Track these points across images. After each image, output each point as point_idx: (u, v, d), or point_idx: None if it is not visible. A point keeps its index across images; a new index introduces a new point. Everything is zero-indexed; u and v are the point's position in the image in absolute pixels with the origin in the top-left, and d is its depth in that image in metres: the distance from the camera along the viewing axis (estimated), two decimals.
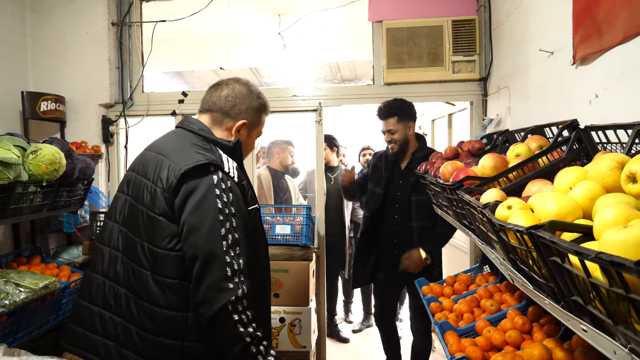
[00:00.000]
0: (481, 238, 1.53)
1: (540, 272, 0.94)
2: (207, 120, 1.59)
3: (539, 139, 1.70)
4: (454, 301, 2.18)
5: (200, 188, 1.36)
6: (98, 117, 3.32)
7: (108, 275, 1.47)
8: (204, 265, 1.31)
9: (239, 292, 1.30)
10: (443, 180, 1.73)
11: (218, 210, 1.34)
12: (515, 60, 2.55)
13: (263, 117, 1.68)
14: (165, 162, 1.43)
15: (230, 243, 1.33)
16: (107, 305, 1.44)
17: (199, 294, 1.30)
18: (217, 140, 1.53)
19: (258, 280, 1.55)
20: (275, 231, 2.92)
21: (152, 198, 1.41)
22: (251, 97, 1.61)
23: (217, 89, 1.60)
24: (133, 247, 1.43)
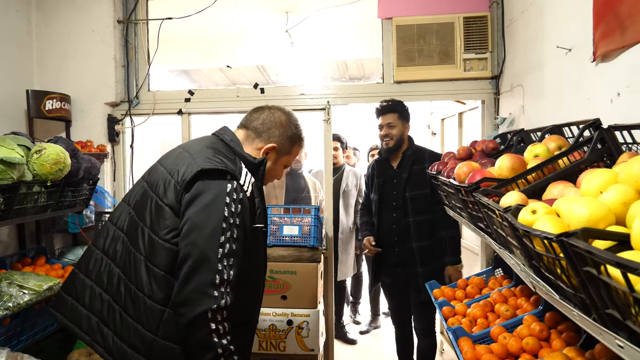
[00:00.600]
0: (499, 242, 1.47)
1: (569, 282, 0.88)
2: (241, 135, 1.63)
3: (557, 138, 1.64)
4: (467, 305, 2.12)
5: (212, 191, 1.38)
6: (104, 116, 3.28)
7: (107, 253, 1.51)
8: (195, 265, 1.31)
9: (222, 302, 1.29)
10: (458, 181, 1.68)
11: (223, 217, 1.35)
12: (529, 57, 2.48)
13: (296, 148, 1.69)
14: (187, 158, 1.48)
15: (227, 252, 1.34)
16: (100, 281, 1.47)
17: (183, 293, 1.30)
18: (243, 154, 1.56)
19: (248, 297, 1.55)
20: (283, 232, 2.87)
21: (165, 188, 1.44)
22: (288, 126, 1.63)
23: (258, 111, 1.65)
24: (135, 230, 1.47)
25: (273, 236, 2.88)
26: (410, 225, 2.80)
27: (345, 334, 4.28)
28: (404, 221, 2.82)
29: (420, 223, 2.80)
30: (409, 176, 2.80)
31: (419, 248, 2.80)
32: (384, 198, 2.91)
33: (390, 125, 2.82)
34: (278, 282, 2.79)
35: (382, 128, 2.86)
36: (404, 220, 2.82)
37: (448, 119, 3.96)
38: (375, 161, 3.05)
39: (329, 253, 3.21)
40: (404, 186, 2.82)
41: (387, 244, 2.89)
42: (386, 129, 2.84)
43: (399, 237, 2.84)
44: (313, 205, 3.03)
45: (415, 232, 2.80)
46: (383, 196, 2.91)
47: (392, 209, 2.87)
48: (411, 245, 2.81)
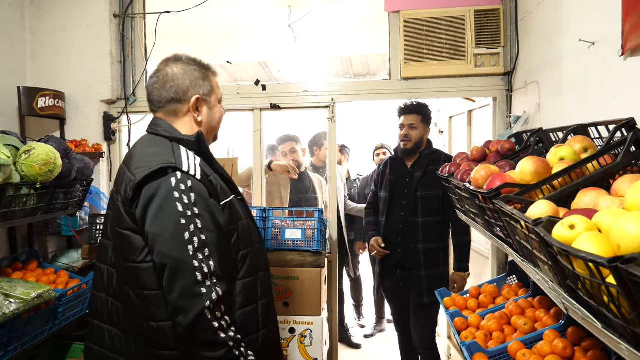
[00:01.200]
0: (521, 254, 1.34)
1: (618, 312, 0.75)
2: (164, 118, 1.51)
3: (583, 139, 1.50)
4: (480, 317, 1.99)
5: (159, 194, 1.30)
6: (99, 114, 3.16)
7: (109, 293, 1.46)
8: (172, 272, 1.27)
9: (213, 296, 1.26)
10: (475, 186, 1.54)
11: (179, 213, 1.29)
12: (546, 52, 2.34)
13: (212, 79, 1.57)
14: (126, 174, 1.40)
15: (197, 246, 1.28)
16: (112, 321, 1.44)
17: (172, 302, 1.27)
18: (180, 137, 1.46)
19: (247, 274, 1.47)
20: (285, 236, 2.74)
21: (118, 214, 1.38)
22: (188, 69, 1.51)
23: (153, 84, 1.51)
24: (117, 265, 1.42)
25: (275, 240, 2.76)
26: (418, 225, 2.72)
27: (349, 337, 4.16)
28: (412, 221, 2.75)
29: (429, 224, 2.73)
30: (424, 175, 2.76)
31: (425, 250, 2.71)
32: (394, 196, 2.85)
33: (412, 127, 2.82)
34: (280, 288, 2.67)
35: (402, 128, 2.84)
36: (413, 220, 2.74)
37: (456, 117, 3.82)
38: (389, 159, 3.02)
39: (333, 257, 3.08)
40: (416, 185, 2.76)
41: (391, 243, 2.84)
42: (407, 130, 2.82)
43: (403, 238, 2.77)
44: (318, 207, 2.90)
45: (423, 233, 2.72)
46: (393, 194, 2.85)
47: (400, 208, 2.81)
48: (417, 247, 2.73)
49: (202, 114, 1.52)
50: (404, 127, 2.84)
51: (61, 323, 2.40)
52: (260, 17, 3.84)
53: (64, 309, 2.39)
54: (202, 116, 1.52)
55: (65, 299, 2.37)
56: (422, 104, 2.86)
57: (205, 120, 1.54)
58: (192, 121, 1.51)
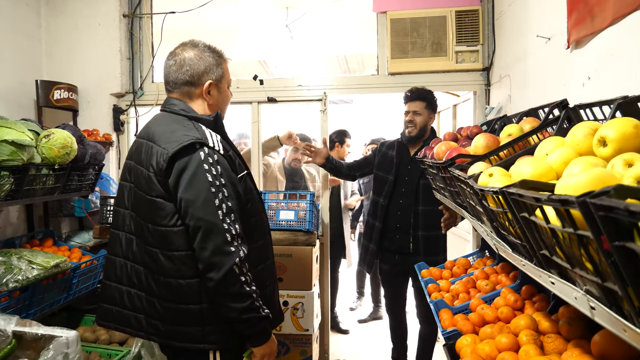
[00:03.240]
0: (472, 213, 1.57)
1: (515, 233, 0.99)
2: (180, 98, 1.66)
3: (532, 120, 1.74)
4: (451, 283, 2.22)
5: (190, 166, 1.46)
6: (109, 106, 3.41)
7: (128, 257, 1.63)
8: (205, 234, 1.44)
9: (241, 253, 1.44)
10: (438, 159, 1.78)
11: (209, 183, 1.45)
12: (515, 48, 2.58)
13: (224, 65, 1.71)
14: (154, 148, 1.54)
15: (225, 211, 1.45)
16: (132, 283, 1.61)
17: (205, 260, 1.43)
18: (198, 117, 1.61)
19: (257, 238, 1.67)
20: (280, 217, 2.99)
21: (148, 183, 1.53)
22: (203, 56, 1.64)
23: (170, 66, 1.65)
24: (141, 229, 1.58)
25: (270, 220, 2.99)
26: (419, 213, 2.83)
27: (338, 323, 4.36)
28: (412, 209, 2.86)
29: (430, 213, 2.83)
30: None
31: (425, 237, 2.83)
32: (395, 182, 2.94)
33: (416, 113, 2.86)
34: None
35: (407, 114, 2.90)
36: (413, 209, 2.85)
37: (443, 111, 4.05)
38: (396, 142, 3.05)
39: (324, 239, 3.32)
40: (419, 174, 2.84)
41: (390, 229, 2.95)
42: (411, 116, 2.87)
43: (402, 225, 2.88)
44: (308, 191, 3.14)
45: (424, 221, 2.83)
46: (396, 180, 2.94)
47: (399, 195, 2.92)
48: (417, 234, 2.85)
49: (213, 97, 1.67)
50: (408, 113, 2.89)
51: (75, 294, 2.64)
52: (259, 17, 4.09)
53: (78, 281, 2.63)
54: (213, 99, 1.67)
55: (79, 272, 2.61)
56: (426, 90, 2.89)
57: (215, 103, 1.69)
58: (204, 103, 1.66)
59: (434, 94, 2.94)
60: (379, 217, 2.99)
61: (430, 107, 2.90)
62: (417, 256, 2.86)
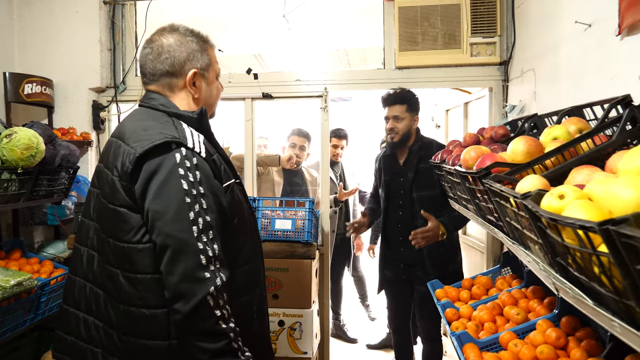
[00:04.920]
0: (511, 236, 1.28)
1: (610, 284, 0.69)
2: (159, 92, 1.40)
3: (578, 121, 1.45)
4: (472, 308, 1.93)
5: (162, 170, 1.20)
6: (88, 102, 3.10)
7: (87, 277, 1.35)
8: (174, 254, 1.16)
9: (217, 282, 1.17)
10: (465, 167, 1.49)
11: (184, 191, 1.19)
12: (543, 39, 2.28)
13: (211, 52, 1.46)
14: (121, 147, 1.28)
15: (202, 227, 1.18)
16: (90, 309, 1.33)
17: (172, 287, 1.16)
18: (180, 113, 1.35)
19: (244, 261, 1.39)
20: (275, 226, 2.68)
21: (111, 189, 1.27)
22: (184, 41, 1.38)
23: (147, 55, 1.39)
24: (102, 245, 1.31)
25: (264, 230, 2.70)
26: (417, 227, 2.54)
27: (345, 332, 4.08)
28: (411, 223, 2.59)
29: None
30: (415, 176, 2.58)
31: (428, 252, 2.55)
32: (390, 196, 2.72)
33: (397, 118, 2.60)
34: (269, 279, 2.61)
35: (387, 120, 2.64)
36: (412, 223, 2.59)
37: (453, 109, 3.76)
38: (382, 156, 2.83)
39: (325, 249, 3.03)
40: (410, 186, 2.60)
41: (394, 241, 2.72)
42: (392, 122, 2.61)
43: (404, 237, 2.59)
44: (307, 198, 2.83)
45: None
46: (389, 194, 2.71)
47: (398, 207, 2.68)
48: (421, 250, 2.56)
49: (199, 89, 1.41)
50: (388, 119, 2.63)
51: (44, 313, 2.33)
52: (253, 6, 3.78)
53: (47, 299, 2.33)
54: (199, 92, 1.41)
55: (49, 289, 2.31)
56: (405, 91, 2.64)
57: (203, 96, 1.43)
58: (189, 97, 1.40)
59: (414, 94, 2.66)
60: (381, 229, 2.85)
61: (411, 109, 2.63)
62: (425, 270, 2.57)
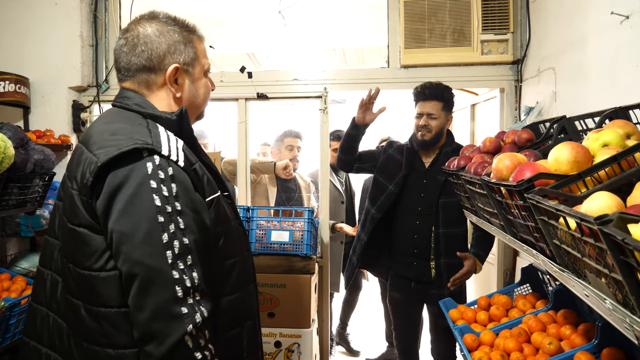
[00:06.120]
0: (559, 262, 1.07)
1: None
2: (135, 89, 1.19)
3: (624, 124, 1.25)
4: (494, 333, 1.72)
5: (129, 182, 1.00)
6: (68, 103, 2.87)
7: (51, 307, 1.14)
8: (144, 285, 0.96)
9: (196, 318, 0.97)
10: (497, 178, 1.28)
11: (156, 209, 0.99)
12: (564, 34, 2.09)
13: (197, 44, 1.24)
14: (84, 154, 1.07)
15: (178, 252, 0.99)
16: (52, 344, 1.13)
17: (143, 325, 0.96)
18: (156, 114, 1.14)
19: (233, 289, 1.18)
20: (271, 238, 2.46)
21: (71, 204, 1.07)
22: (165, 31, 1.18)
23: (122, 46, 1.19)
24: (64, 270, 1.09)
25: (259, 243, 2.47)
26: (440, 237, 2.33)
27: (348, 342, 3.81)
28: (430, 232, 2.35)
29: (453, 236, 2.34)
30: (447, 179, 2.24)
31: (448, 265, 2.31)
32: (403, 195, 2.41)
33: (432, 117, 2.33)
34: (265, 296, 2.39)
35: (420, 117, 2.36)
36: (432, 232, 2.35)
37: (459, 111, 3.56)
38: (405, 147, 2.47)
39: (324, 262, 2.81)
40: (438, 191, 2.33)
41: (404, 254, 2.42)
42: (425, 119, 2.34)
43: (420, 250, 2.36)
44: (306, 207, 2.62)
45: (446, 246, 2.32)
46: (403, 193, 2.41)
47: (415, 215, 2.38)
48: (439, 262, 2.35)
49: (182, 88, 1.21)
50: (422, 116, 2.35)
51: (14, 336, 2.10)
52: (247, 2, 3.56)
53: (17, 320, 2.09)
54: (182, 91, 1.21)
55: (18, 309, 2.08)
56: (443, 87, 2.37)
57: (187, 96, 1.22)
58: (170, 96, 1.20)
59: (452, 91, 2.41)
60: (366, 229, 2.47)
61: (447, 108, 2.38)
62: (439, 286, 2.35)
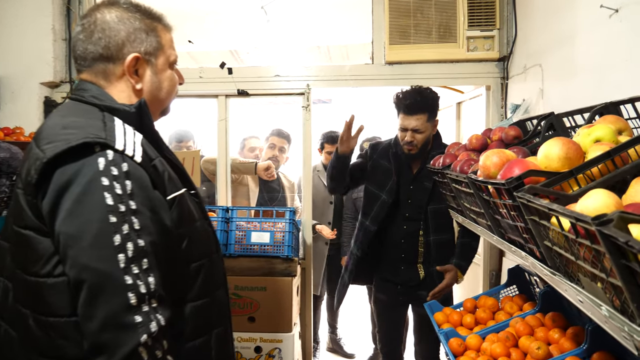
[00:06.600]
0: (550, 264, 1.01)
1: None
2: (93, 81, 1.10)
3: (616, 120, 1.19)
4: (480, 337, 1.66)
5: (78, 180, 0.91)
6: (39, 99, 2.75)
7: (2, 315, 1.06)
8: (93, 292, 0.89)
9: (151, 327, 0.89)
10: (484, 176, 1.21)
11: (107, 208, 0.91)
12: (552, 30, 2.05)
13: (162, 33, 1.15)
14: (32, 151, 0.99)
15: (132, 255, 0.91)
16: (4, 356, 1.06)
17: (92, 336, 0.89)
18: (115, 107, 1.06)
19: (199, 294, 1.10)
20: (251, 240, 2.37)
21: (16, 205, 1.00)
22: (124, 17, 1.10)
23: (77, 34, 1.11)
24: (13, 276, 1.02)
25: (239, 244, 2.39)
26: (430, 245, 2.25)
27: (341, 346, 3.73)
28: (417, 237, 2.28)
29: (444, 242, 2.27)
30: (434, 186, 2.16)
31: (439, 271, 2.25)
32: (393, 204, 2.29)
33: (417, 131, 2.17)
34: (244, 300, 2.30)
35: (404, 131, 2.19)
36: (420, 237, 2.28)
37: (444, 110, 3.51)
38: (392, 153, 2.31)
39: (306, 263, 2.73)
40: (426, 197, 2.23)
41: (391, 259, 2.33)
42: (410, 135, 2.17)
43: (407, 255, 2.28)
44: (288, 207, 2.54)
45: (437, 253, 2.26)
46: (393, 201, 2.29)
47: (402, 221, 2.29)
48: (429, 268, 2.29)
49: (143, 79, 1.12)
50: (406, 130, 2.18)
51: None
52: None
53: None
54: (143, 83, 1.13)
55: None
56: (428, 95, 2.18)
57: (148, 88, 1.14)
58: (129, 88, 1.11)
59: (435, 95, 2.24)
60: (359, 244, 2.33)
61: (433, 116, 2.23)
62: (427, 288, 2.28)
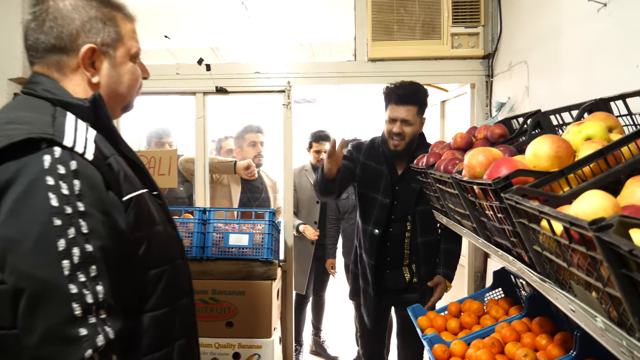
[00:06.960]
0: (540, 270, 0.95)
1: None
2: (46, 73, 1.02)
3: (606, 117, 1.14)
4: (465, 343, 1.60)
5: (20, 179, 0.84)
6: (8, 96, 2.62)
7: None
8: (33, 302, 0.81)
9: (98, 341, 0.82)
10: (470, 176, 1.15)
11: (51, 210, 0.83)
12: (537, 26, 2.00)
13: (121, 23, 1.07)
14: None
15: (78, 261, 0.83)
16: None
17: (31, 350, 0.81)
18: (68, 101, 0.98)
19: (160, 303, 1.02)
20: (229, 242, 2.28)
21: None
22: (79, 5, 1.02)
23: (27, 21, 1.02)
24: None
25: (216, 247, 2.29)
26: (419, 247, 2.19)
27: (325, 349, 3.68)
28: (403, 239, 2.22)
29: (431, 244, 2.21)
30: (422, 187, 2.05)
31: (427, 273, 2.21)
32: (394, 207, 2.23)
33: (407, 123, 2.09)
34: (222, 305, 2.21)
35: (393, 122, 2.11)
36: (411, 241, 2.22)
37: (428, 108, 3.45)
38: (379, 151, 2.23)
39: (288, 266, 2.65)
40: (414, 198, 2.16)
41: (378, 262, 2.24)
42: (400, 126, 2.09)
43: (393, 258, 2.22)
44: (267, 208, 2.45)
45: (425, 255, 2.20)
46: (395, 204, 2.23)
47: (390, 222, 2.23)
48: (419, 272, 2.22)
49: (100, 72, 1.05)
50: (395, 122, 2.10)
51: None
52: None
53: None
54: (100, 76, 1.05)
55: None
56: (419, 88, 2.14)
57: (106, 82, 1.06)
58: (85, 82, 1.03)
59: (426, 91, 2.20)
60: (369, 252, 2.22)
61: (422, 112, 2.18)
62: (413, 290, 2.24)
